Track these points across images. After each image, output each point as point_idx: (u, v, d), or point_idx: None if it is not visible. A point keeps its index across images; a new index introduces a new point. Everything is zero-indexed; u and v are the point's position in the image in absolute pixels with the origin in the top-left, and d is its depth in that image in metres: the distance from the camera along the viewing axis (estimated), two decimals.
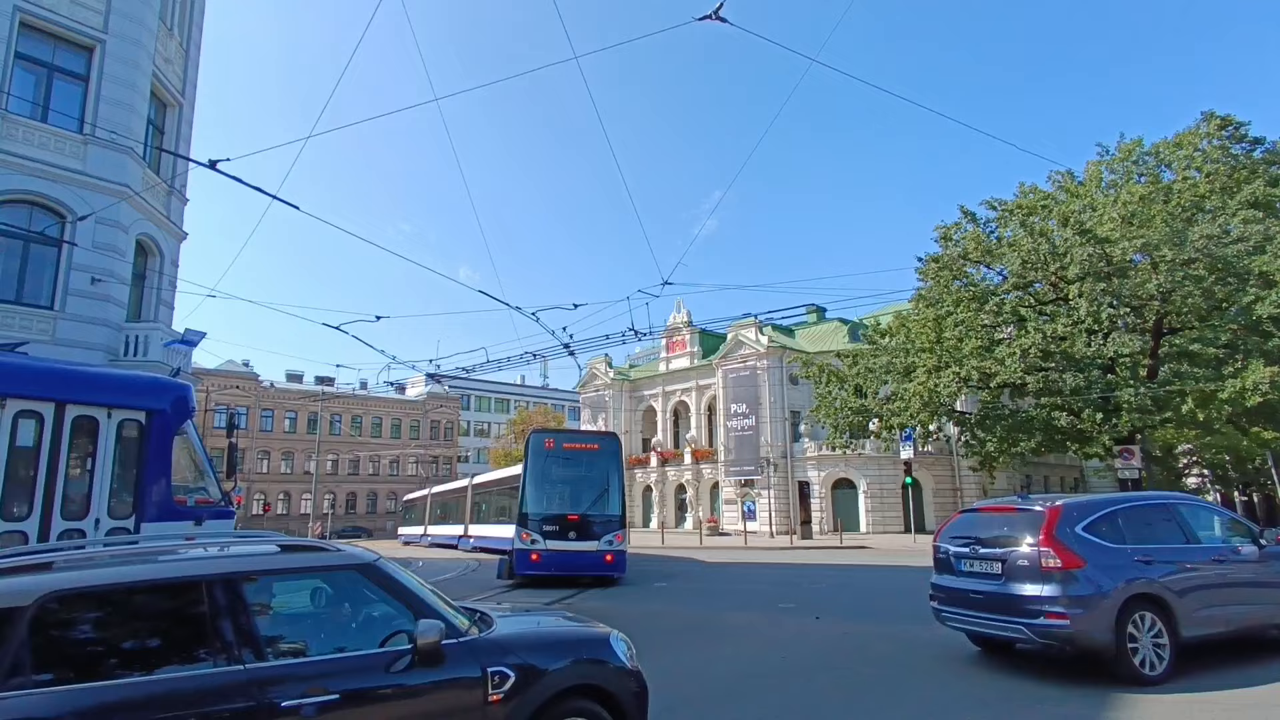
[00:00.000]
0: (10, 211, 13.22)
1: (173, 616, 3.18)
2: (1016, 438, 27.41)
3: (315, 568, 3.73)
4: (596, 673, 3.96)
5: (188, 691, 2.94)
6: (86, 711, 2.72)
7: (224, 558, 3.44)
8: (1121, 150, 30.50)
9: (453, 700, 3.48)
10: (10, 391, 6.44)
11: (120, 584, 3.11)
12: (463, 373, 19.01)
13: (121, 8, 14.83)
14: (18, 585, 2.88)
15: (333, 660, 3.35)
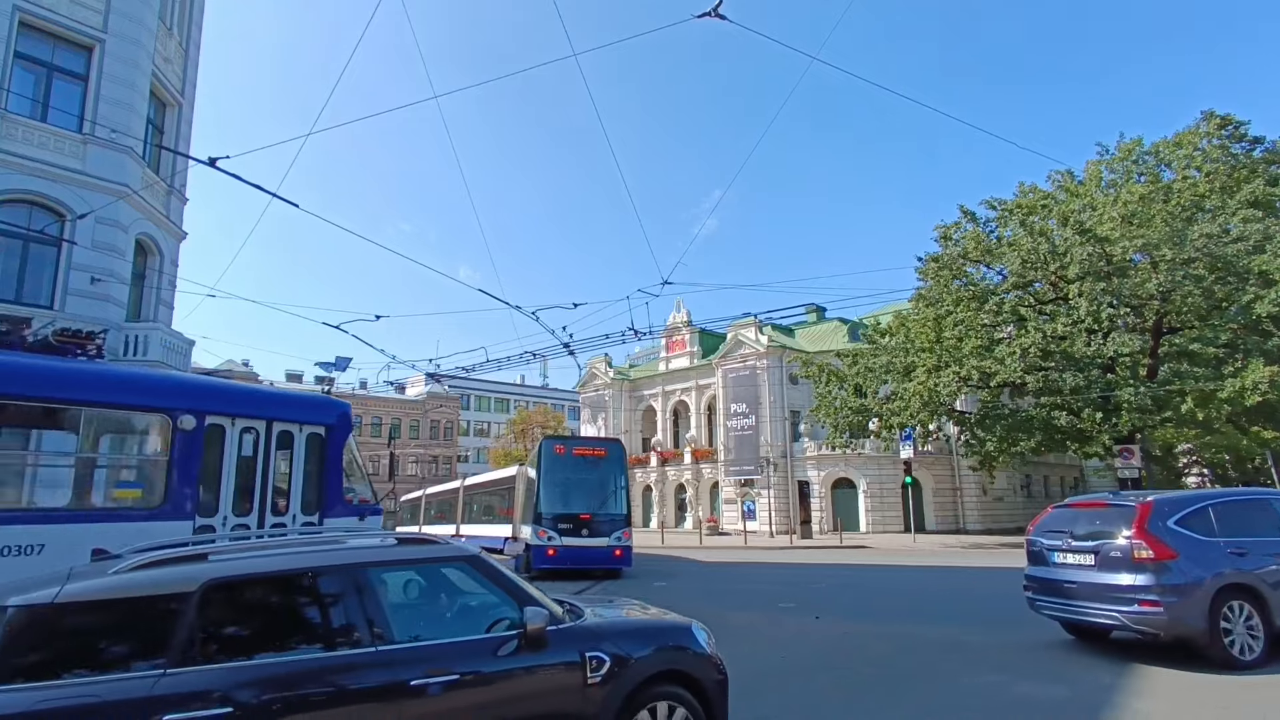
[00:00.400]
0: (10, 211, 13.22)
1: (311, 601, 3.52)
2: (1016, 437, 27.42)
3: (430, 559, 4.08)
4: (681, 659, 4.23)
5: (331, 669, 3.28)
6: (246, 685, 3.04)
7: (350, 549, 3.81)
8: (1121, 150, 30.52)
9: (555, 682, 3.79)
10: (238, 412, 7.79)
11: (266, 572, 3.48)
12: (462, 372, 19.06)
13: (121, 7, 14.83)
14: (184, 573, 3.24)
15: (451, 644, 3.66)
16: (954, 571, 18.78)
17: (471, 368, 18.33)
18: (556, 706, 3.77)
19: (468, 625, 3.92)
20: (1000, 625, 9.86)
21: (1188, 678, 6.65)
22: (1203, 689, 6.31)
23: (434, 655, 3.53)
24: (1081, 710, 5.83)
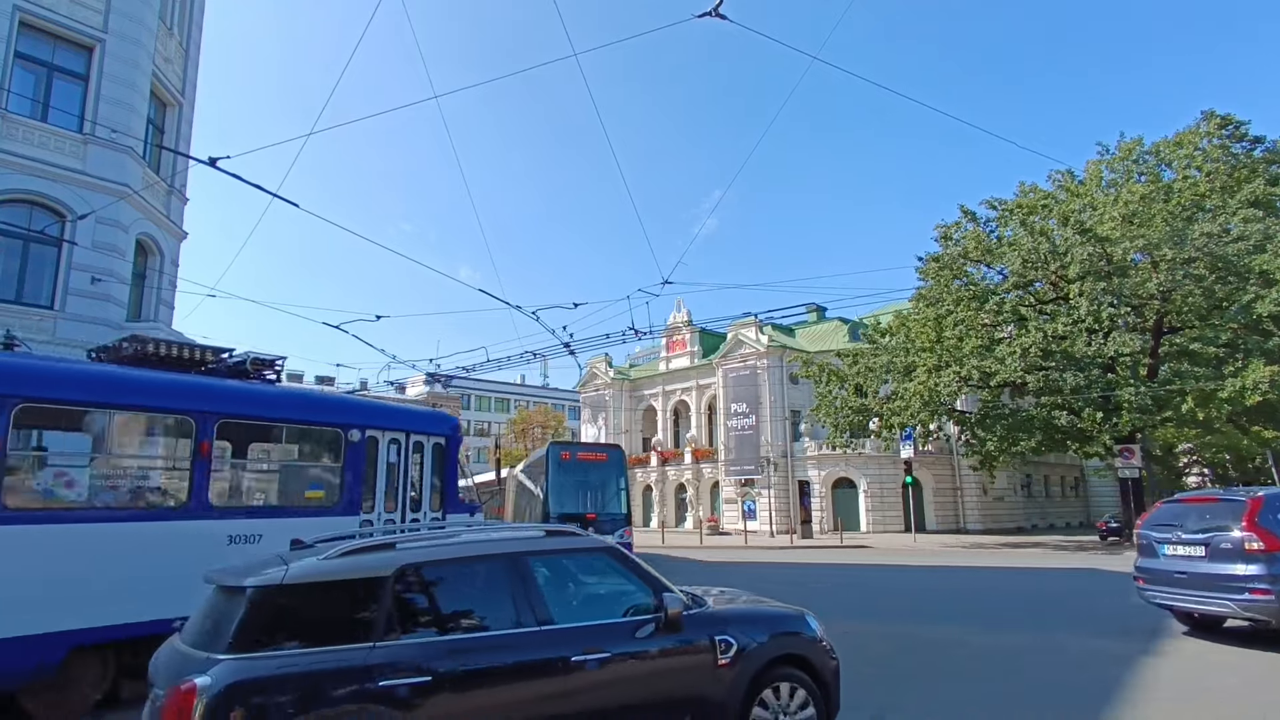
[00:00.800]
0: (10, 211, 13.22)
1: (484, 584, 4.01)
2: (1016, 437, 27.40)
3: (576, 549, 4.54)
4: (798, 644, 4.67)
5: (507, 644, 3.77)
6: (441, 656, 3.54)
7: (511, 540, 4.31)
8: (1122, 149, 30.50)
9: (691, 662, 4.20)
10: (387, 425, 9.20)
11: (446, 558, 3.99)
12: (463, 372, 19.06)
13: (121, 7, 14.82)
14: (380, 559, 3.75)
15: (599, 625, 4.12)
16: (954, 571, 18.77)
17: (472, 367, 18.33)
18: (693, 684, 4.18)
19: (608, 609, 4.31)
20: (1001, 625, 9.87)
21: None
22: None
23: (588, 635, 3.98)
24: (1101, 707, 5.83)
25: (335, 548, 3.80)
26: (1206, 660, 7.47)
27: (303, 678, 3.25)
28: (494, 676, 3.67)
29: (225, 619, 3.42)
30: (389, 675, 3.37)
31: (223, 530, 7.25)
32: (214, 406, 7.37)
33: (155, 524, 6.87)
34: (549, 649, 3.80)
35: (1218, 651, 7.87)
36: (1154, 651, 7.90)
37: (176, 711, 3.05)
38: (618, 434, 49.99)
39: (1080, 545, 28.46)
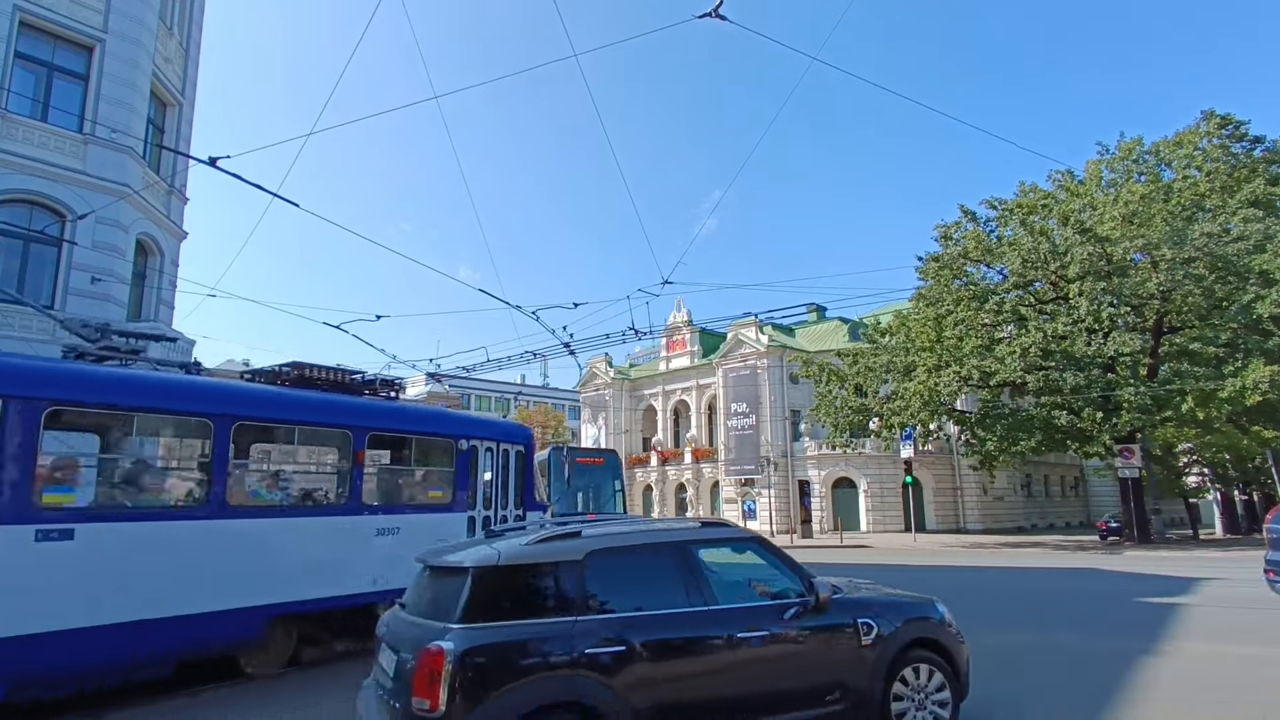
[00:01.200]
0: (10, 211, 13.22)
1: (659, 567, 4.46)
2: (1016, 437, 27.39)
3: (729, 539, 5.10)
4: (931, 628, 5.04)
5: (684, 620, 4.25)
6: (630, 628, 4.05)
7: (673, 529, 4.82)
8: (1121, 149, 30.48)
9: (837, 642, 4.64)
10: (485, 435, 10.63)
11: (625, 545, 4.49)
12: (463, 372, 19.03)
13: (121, 7, 14.81)
14: (571, 546, 4.26)
15: (754, 605, 4.59)
16: (955, 571, 18.77)
17: (472, 367, 18.31)
18: (841, 662, 4.61)
19: (753, 592, 4.79)
20: (1002, 624, 9.86)
21: None
22: None
23: (747, 615, 4.46)
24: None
25: (531, 535, 4.43)
26: (1207, 660, 7.47)
27: (523, 643, 3.84)
28: (675, 648, 4.16)
29: (450, 594, 4.01)
30: (591, 643, 3.92)
31: (372, 524, 8.62)
32: (365, 422, 8.76)
33: (325, 519, 8.28)
34: (717, 626, 4.30)
35: (1218, 651, 7.87)
36: (1154, 651, 7.90)
37: (428, 670, 3.63)
38: (618, 434, 49.98)
39: (1080, 545, 28.47)
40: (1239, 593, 12.88)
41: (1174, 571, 16.70)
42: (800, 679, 4.48)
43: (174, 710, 6.27)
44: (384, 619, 4.57)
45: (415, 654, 3.77)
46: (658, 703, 4.01)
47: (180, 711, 6.24)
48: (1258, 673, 6.87)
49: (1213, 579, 15.12)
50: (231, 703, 6.49)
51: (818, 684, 4.52)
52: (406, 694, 3.71)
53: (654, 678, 4.04)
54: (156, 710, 6.25)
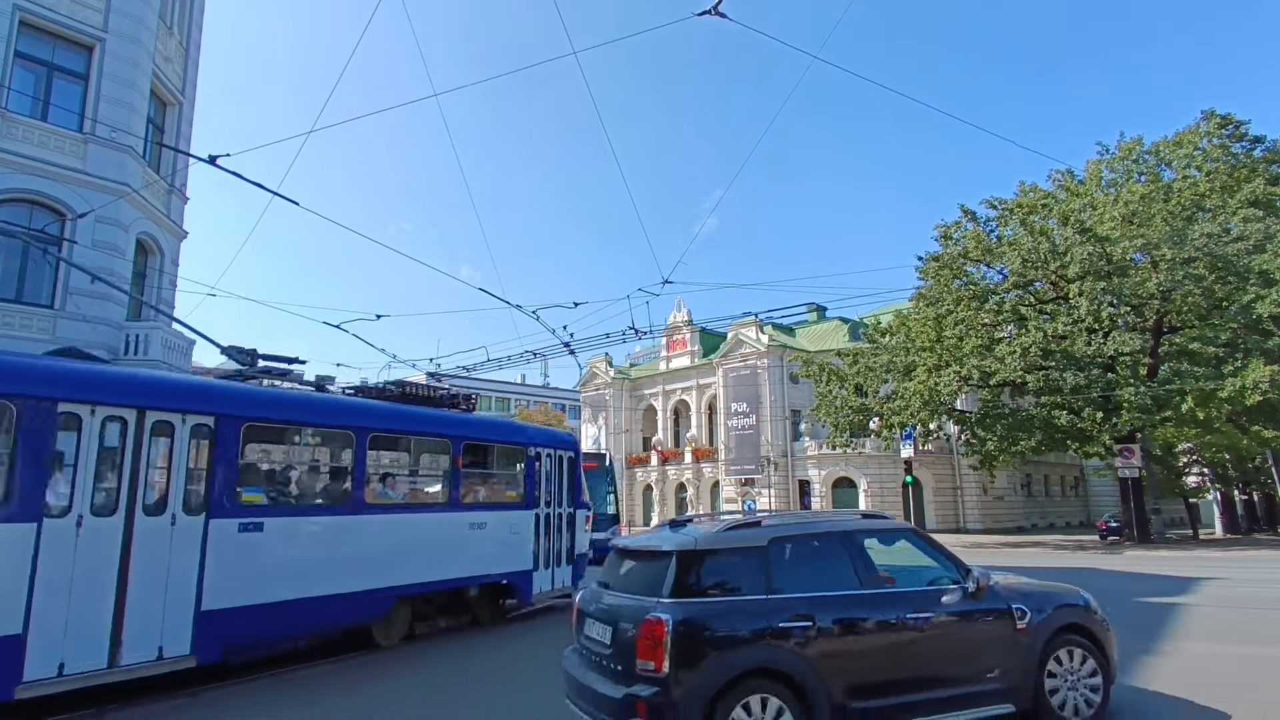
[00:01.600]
0: (10, 210, 13.21)
1: (829, 553, 4.95)
2: (1016, 436, 27.38)
3: (887, 529, 5.48)
4: (1079, 615, 5.38)
5: (859, 600, 4.72)
6: (814, 606, 4.54)
7: (837, 520, 5.34)
8: (1121, 149, 30.47)
9: (995, 625, 5.02)
10: (546, 443, 11.94)
11: (801, 533, 5.03)
12: (463, 371, 19.03)
13: (121, 6, 14.81)
14: (755, 533, 4.83)
15: (919, 590, 5.01)
16: None
17: (472, 367, 18.33)
18: (999, 644, 4.98)
19: (912, 579, 5.15)
20: None
21: None
22: None
23: (912, 597, 4.89)
24: None
25: (720, 524, 4.99)
26: (1206, 660, 7.48)
27: (726, 615, 4.40)
28: (853, 626, 4.63)
29: (656, 574, 4.58)
30: (783, 618, 4.43)
31: (467, 520, 9.95)
32: (461, 432, 10.19)
33: (433, 515, 9.67)
34: (888, 607, 4.76)
35: (1218, 651, 7.87)
36: (1155, 651, 7.91)
37: (651, 638, 4.21)
38: (618, 433, 49.98)
39: (1080, 545, 28.45)
40: (1239, 593, 12.88)
41: (1174, 571, 16.69)
42: (962, 657, 4.88)
43: (174, 710, 6.27)
44: (584, 596, 5.29)
45: (636, 624, 4.36)
46: (842, 673, 4.48)
47: (180, 711, 6.24)
48: (1258, 673, 6.87)
49: (1213, 579, 15.12)
50: (232, 703, 6.49)
51: (978, 663, 4.91)
52: (629, 657, 4.31)
53: (837, 651, 4.53)
54: (157, 710, 6.26)
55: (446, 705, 6.46)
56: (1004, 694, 4.91)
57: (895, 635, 4.70)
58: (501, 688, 6.97)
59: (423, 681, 7.29)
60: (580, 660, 5.02)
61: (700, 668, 4.20)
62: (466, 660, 8.32)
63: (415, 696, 6.72)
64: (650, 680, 4.18)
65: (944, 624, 4.84)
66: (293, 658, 8.25)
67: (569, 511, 12.39)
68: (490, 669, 7.84)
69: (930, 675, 4.74)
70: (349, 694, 6.76)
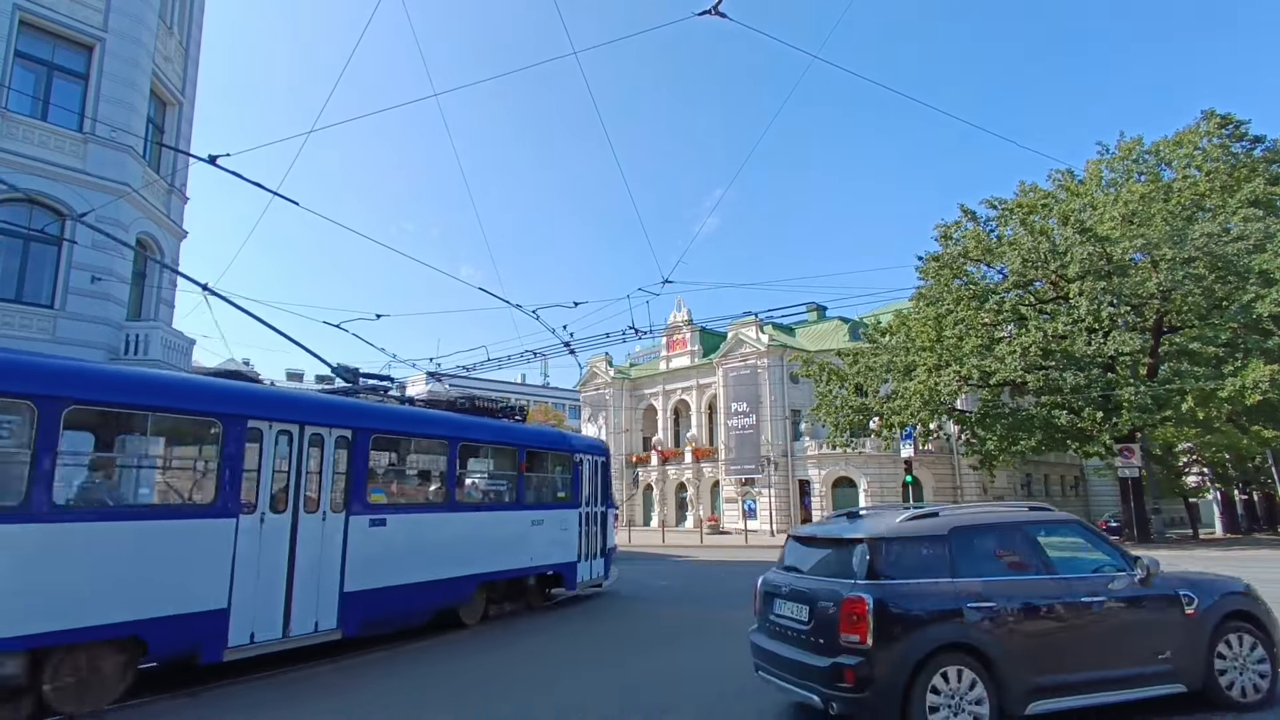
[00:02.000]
0: (10, 210, 13.20)
1: (1004, 542, 5.44)
2: (1016, 436, 27.37)
3: (1053, 520, 5.87)
4: (1244, 602, 5.70)
5: (1036, 586, 5.17)
6: (991, 589, 5.00)
7: (1006, 512, 5.80)
8: (1121, 149, 30.45)
9: (1164, 610, 5.39)
10: (585, 450, 13.43)
11: (979, 523, 5.47)
12: (463, 371, 19.03)
13: (121, 6, 14.80)
14: (936, 523, 5.33)
15: (1090, 576, 5.36)
16: None
17: (472, 367, 18.34)
18: (1170, 628, 5.32)
19: (1083, 566, 5.50)
20: None
21: None
22: None
23: (1084, 583, 5.27)
24: None
25: (902, 514, 5.49)
26: None
27: (918, 596, 4.88)
28: (1032, 608, 5.03)
29: (848, 559, 5.14)
30: (969, 600, 4.90)
31: (529, 517, 11.42)
32: (525, 441, 11.78)
33: (504, 513, 11.15)
34: (1062, 592, 5.15)
35: None
36: None
37: (854, 614, 4.73)
38: (618, 433, 49.95)
39: None
40: None
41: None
42: (1134, 639, 5.23)
43: (174, 709, 6.28)
44: (769, 580, 5.97)
45: (835, 603, 4.90)
46: (1024, 650, 4.89)
47: (181, 711, 6.24)
48: None
49: None
50: (233, 703, 6.50)
51: (1149, 645, 5.26)
52: (832, 632, 4.87)
53: (1019, 631, 4.94)
54: (157, 710, 6.26)
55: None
56: (1174, 675, 5.26)
57: (1071, 618, 5.10)
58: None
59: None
60: (772, 636, 5.65)
61: (900, 641, 4.70)
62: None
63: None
64: (855, 651, 4.71)
65: (1115, 608, 5.22)
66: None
67: (602, 510, 13.82)
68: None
69: (1105, 655, 5.11)
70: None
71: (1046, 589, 5.14)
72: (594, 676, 7.47)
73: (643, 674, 7.47)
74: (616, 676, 7.41)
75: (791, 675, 5.24)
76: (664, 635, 9.79)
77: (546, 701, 6.33)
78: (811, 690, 4.98)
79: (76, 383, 6.31)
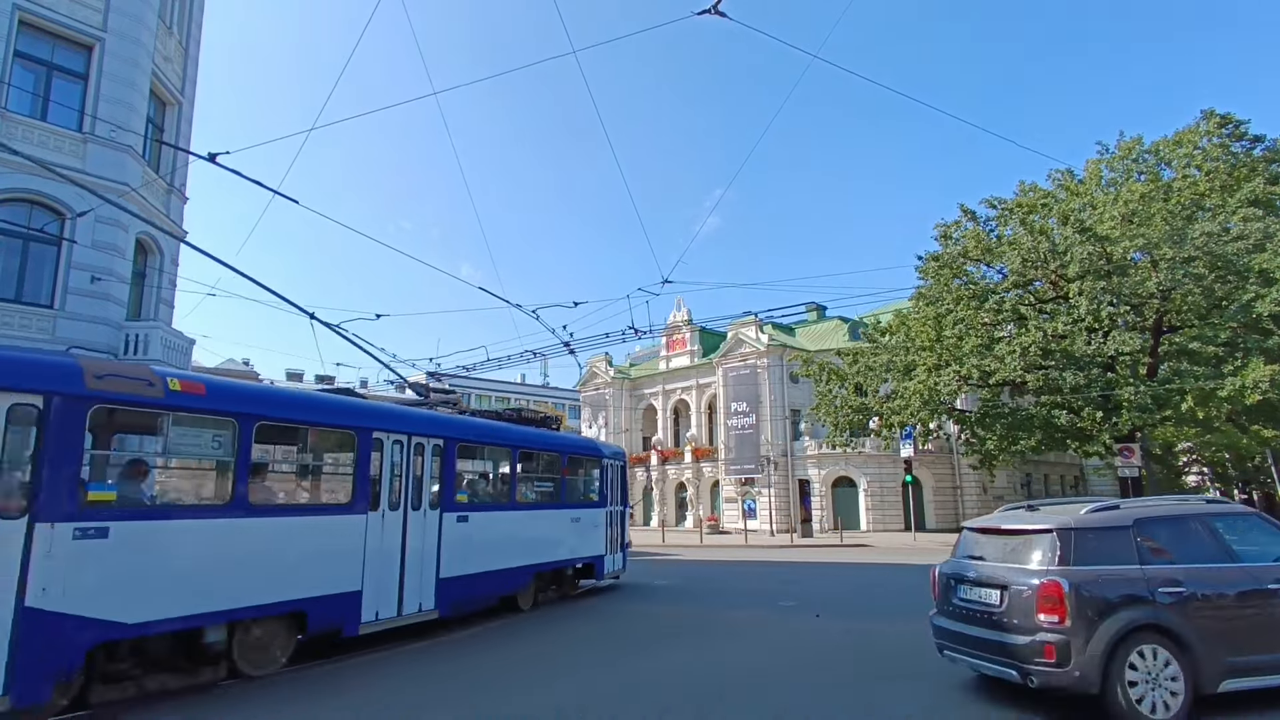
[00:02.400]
0: (10, 210, 13.20)
1: (1183, 533, 5.77)
2: (1016, 436, 27.35)
3: (1237, 513, 6.22)
4: None
5: (1217, 572, 5.59)
6: (1178, 575, 5.44)
7: (1193, 505, 6.26)
8: (1121, 148, 30.41)
9: None
10: (605, 455, 14.90)
11: (1162, 515, 5.93)
12: (463, 371, 19.03)
13: (121, 6, 14.79)
14: (1120, 515, 5.78)
15: (1272, 565, 5.68)
16: None
17: (472, 366, 18.35)
18: None
19: (1259, 555, 5.78)
20: None
21: None
22: None
23: (1271, 571, 5.60)
24: None
25: (1084, 507, 5.93)
26: None
27: (1110, 581, 5.34)
28: (1219, 593, 5.43)
29: (1036, 547, 5.68)
30: (1159, 584, 5.35)
31: (569, 515, 12.99)
32: (565, 448, 13.48)
33: (550, 510, 12.68)
34: (1248, 578, 5.52)
35: None
36: None
37: (1051, 597, 5.25)
38: (618, 433, 49.95)
39: None
40: None
41: None
42: None
43: (176, 709, 6.27)
44: (949, 568, 6.50)
45: (1029, 587, 5.43)
46: (1213, 632, 5.27)
47: (181, 711, 6.24)
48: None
49: None
50: (233, 703, 6.50)
51: None
52: (1029, 613, 5.36)
53: (1209, 614, 5.33)
54: (158, 711, 6.26)
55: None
56: None
57: (1258, 602, 5.46)
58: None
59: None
60: (956, 618, 6.19)
61: (1095, 622, 5.16)
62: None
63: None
64: (1054, 630, 5.20)
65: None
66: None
67: (621, 509, 15.32)
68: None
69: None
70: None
71: (1232, 576, 5.51)
72: (593, 676, 7.48)
73: (642, 674, 7.47)
74: (616, 676, 7.42)
75: (983, 652, 5.77)
76: (663, 635, 9.79)
77: (546, 701, 6.32)
78: (1008, 665, 5.49)
79: (264, 402, 7.73)
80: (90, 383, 5.89)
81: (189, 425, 6.93)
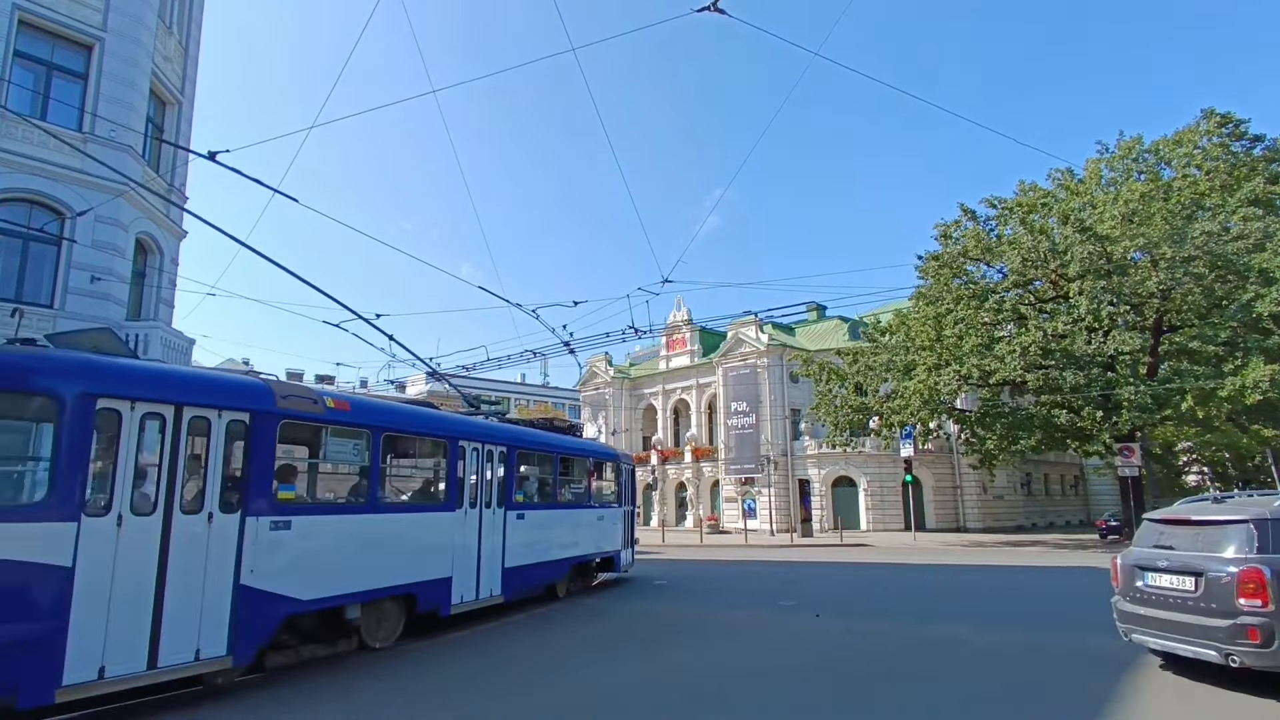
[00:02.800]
0: (10, 210, 13.19)
1: (1253, 538, 5.99)
2: (1016, 435, 27.36)
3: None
4: None
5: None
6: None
7: (1262, 510, 6.19)
8: (1121, 148, 30.42)
9: None
10: (612, 458, 15.96)
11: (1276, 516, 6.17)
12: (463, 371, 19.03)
13: (121, 6, 14.77)
14: (1258, 506, 6.19)
15: None
16: (955, 570, 18.78)
17: (472, 366, 18.34)
18: None
19: None
20: (1002, 624, 9.86)
21: None
22: None
23: None
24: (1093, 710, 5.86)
25: (1277, 499, 6.24)
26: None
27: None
28: None
29: (1230, 536, 6.06)
30: None
31: (595, 514, 14.33)
32: (592, 453, 14.85)
33: (581, 510, 13.92)
34: None
35: None
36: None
37: (1253, 583, 5.61)
38: (618, 433, 49.96)
39: (1080, 544, 28.46)
40: None
41: None
42: None
43: (175, 709, 6.27)
44: (1133, 558, 6.87)
45: (1228, 574, 5.78)
46: None
47: (182, 711, 6.24)
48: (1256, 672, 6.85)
49: None
50: (234, 704, 6.50)
51: None
52: (1229, 598, 5.71)
53: None
54: (159, 712, 6.25)
55: None
56: None
57: None
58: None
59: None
60: (1144, 604, 6.51)
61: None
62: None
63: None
64: (1257, 614, 5.53)
65: None
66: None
67: (630, 509, 16.63)
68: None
69: None
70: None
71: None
72: (593, 676, 7.47)
73: (643, 674, 7.47)
74: (616, 676, 7.42)
75: (1178, 635, 6.08)
76: (664, 634, 9.79)
77: (546, 701, 6.32)
78: (1207, 647, 5.82)
79: (389, 416, 8.89)
80: (280, 402, 7.09)
81: (338, 436, 8.10)
